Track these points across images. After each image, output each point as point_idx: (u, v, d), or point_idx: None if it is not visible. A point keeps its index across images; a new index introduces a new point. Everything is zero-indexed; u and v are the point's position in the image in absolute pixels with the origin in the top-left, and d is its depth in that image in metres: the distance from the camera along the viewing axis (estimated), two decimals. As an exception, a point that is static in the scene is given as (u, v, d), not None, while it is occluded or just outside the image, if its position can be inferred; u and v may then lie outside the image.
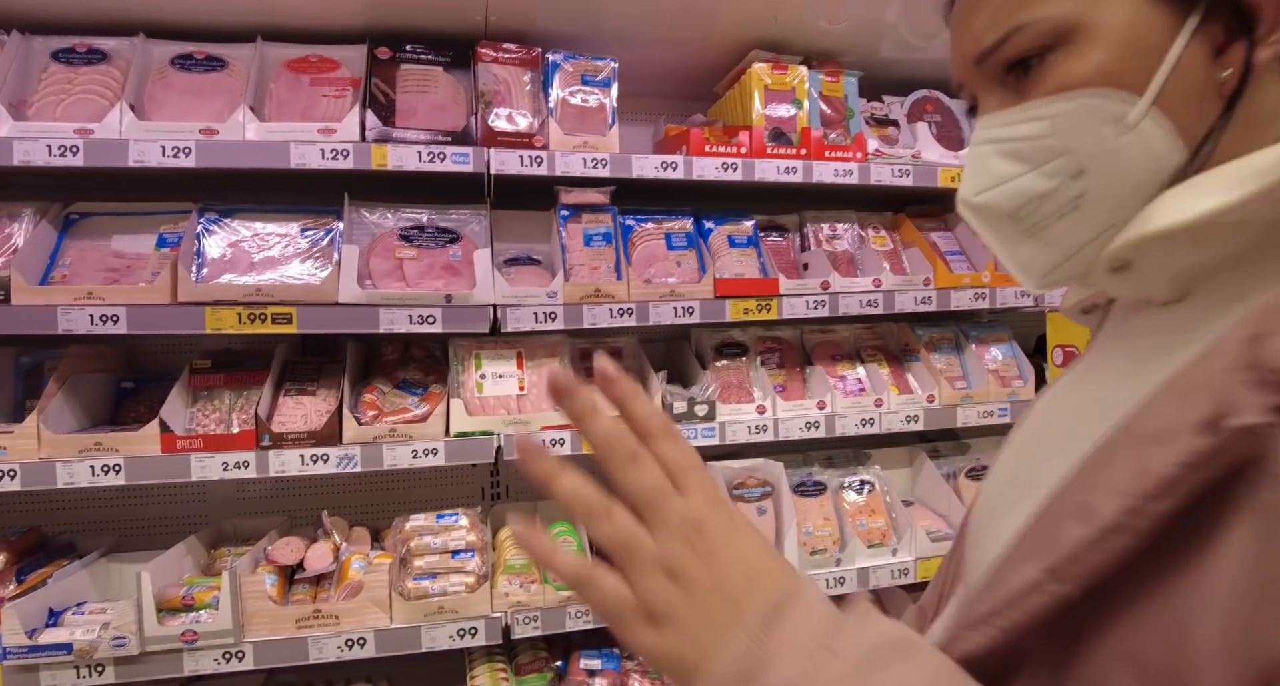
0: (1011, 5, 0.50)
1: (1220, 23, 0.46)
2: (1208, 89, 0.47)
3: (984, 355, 2.02)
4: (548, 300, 1.62)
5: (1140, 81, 0.47)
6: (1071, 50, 0.48)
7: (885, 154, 1.82)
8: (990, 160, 0.54)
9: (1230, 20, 0.46)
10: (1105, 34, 0.47)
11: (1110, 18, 0.47)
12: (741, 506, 1.73)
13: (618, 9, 1.66)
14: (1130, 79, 0.47)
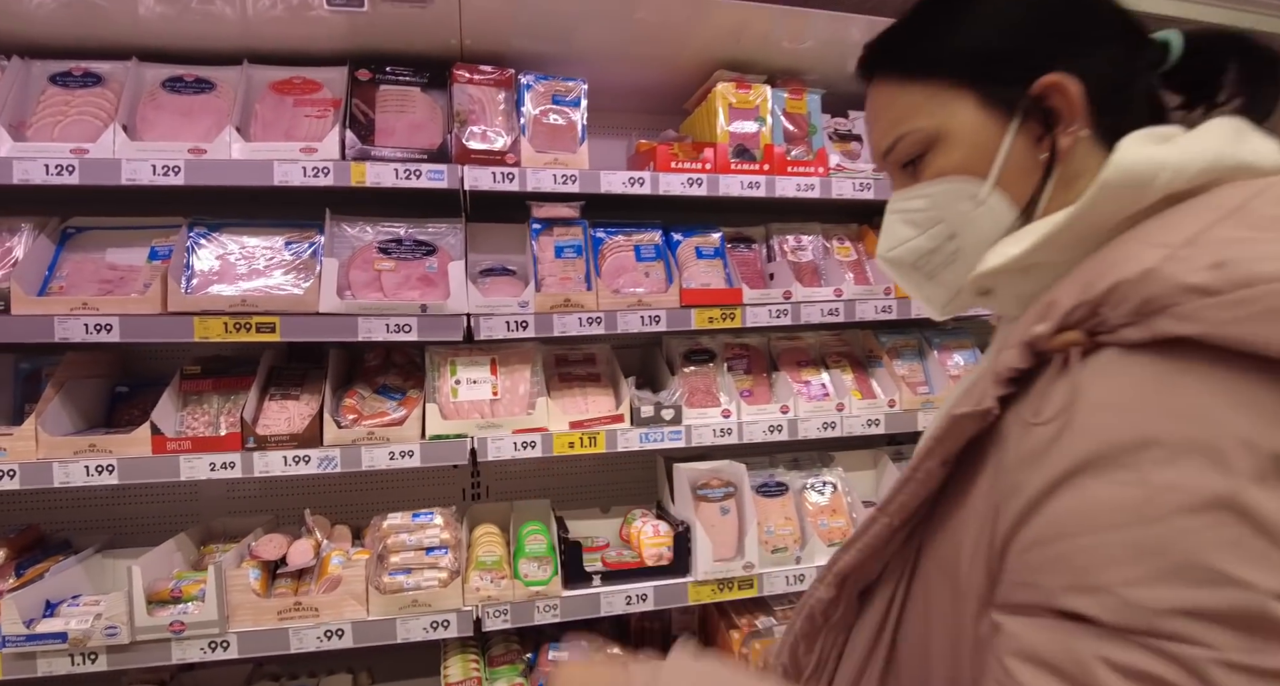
0: (895, 120, 0.70)
1: (1035, 121, 0.65)
2: (1031, 168, 0.66)
3: (947, 361, 2.09)
4: (519, 309, 1.70)
5: (985, 170, 0.66)
6: (938, 150, 0.68)
7: (847, 169, 1.90)
8: (896, 226, 0.74)
9: (1041, 118, 0.65)
10: (958, 139, 0.67)
11: (960, 127, 0.67)
12: (704, 506, 1.82)
13: (589, 31, 1.74)
14: (978, 168, 0.67)
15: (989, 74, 0.66)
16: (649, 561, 1.73)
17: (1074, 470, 0.49)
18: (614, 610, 1.67)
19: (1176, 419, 0.47)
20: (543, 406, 1.74)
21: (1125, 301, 0.50)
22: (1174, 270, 0.48)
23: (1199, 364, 0.47)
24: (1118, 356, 0.51)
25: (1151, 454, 0.47)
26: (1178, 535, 0.45)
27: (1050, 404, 0.52)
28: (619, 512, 2.00)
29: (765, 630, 1.79)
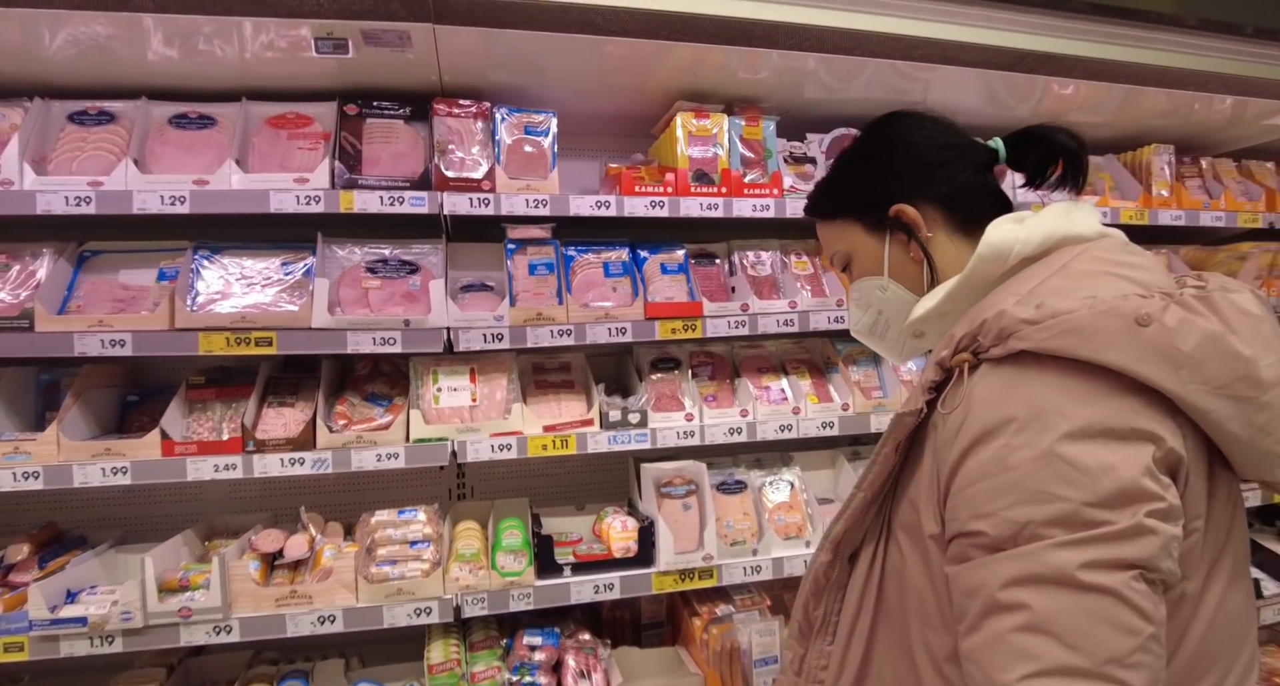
0: (827, 244, 1.13)
1: (900, 233, 1.02)
2: (909, 261, 1.02)
3: (899, 367, 2.24)
4: (495, 323, 1.86)
5: (880, 270, 1.04)
6: (854, 261, 1.09)
7: (800, 190, 2.05)
8: (852, 309, 1.14)
9: (904, 231, 1.01)
10: (860, 253, 1.07)
11: (859, 246, 1.07)
12: (668, 503, 1.97)
13: (561, 64, 1.90)
14: (875, 269, 1.05)
15: (862, 211, 1.05)
16: (616, 553, 1.88)
17: (972, 443, 0.76)
18: (583, 598, 1.82)
19: (1023, 403, 0.74)
20: (518, 411, 1.89)
21: (990, 331, 0.79)
22: (1015, 311, 0.78)
23: (1033, 368, 0.76)
24: (989, 368, 0.79)
25: (1010, 427, 0.74)
26: (1026, 476, 0.71)
27: (955, 401, 0.80)
28: (594, 510, 2.15)
29: (724, 616, 1.94)
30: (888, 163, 1.03)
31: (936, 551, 0.82)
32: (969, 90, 2.20)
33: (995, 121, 2.41)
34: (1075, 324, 0.74)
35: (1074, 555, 0.68)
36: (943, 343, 0.85)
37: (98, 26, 1.59)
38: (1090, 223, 0.91)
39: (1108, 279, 0.81)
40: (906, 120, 1.04)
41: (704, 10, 1.65)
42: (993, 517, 0.73)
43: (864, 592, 0.92)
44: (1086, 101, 2.29)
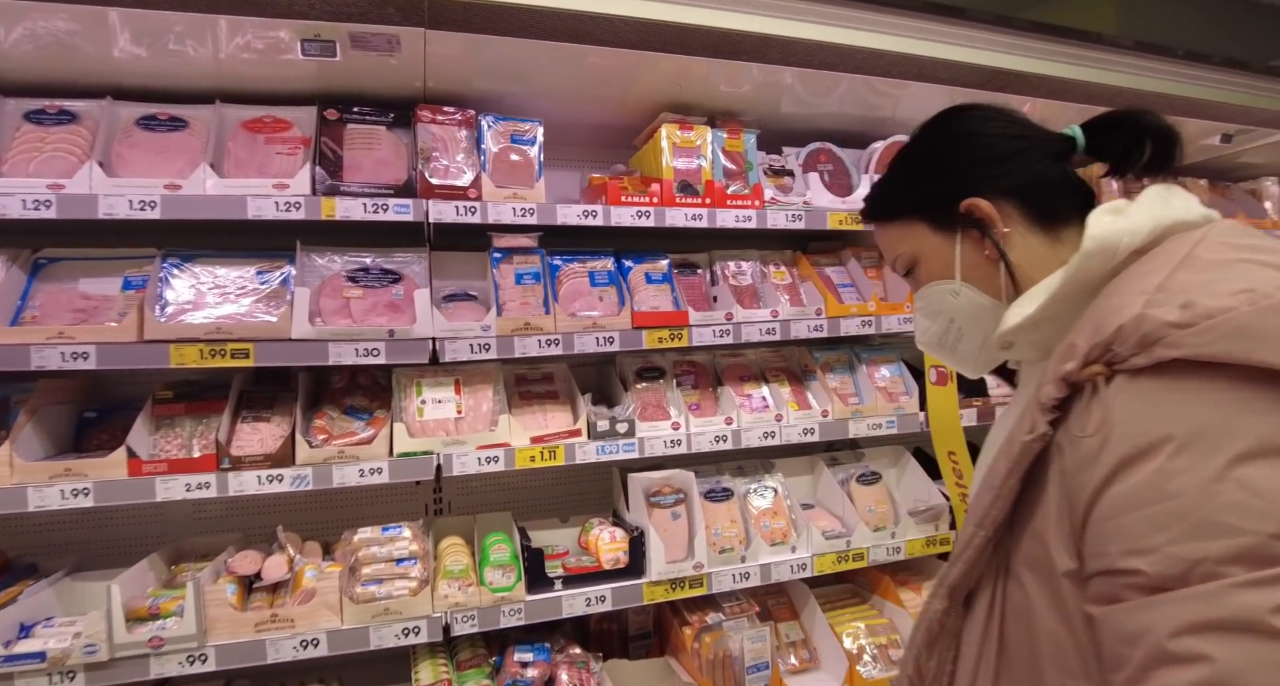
0: (889, 248, 1.04)
1: (973, 232, 0.92)
2: (983, 262, 0.92)
3: (874, 374, 2.29)
4: (482, 333, 1.82)
5: (951, 273, 0.95)
6: (920, 265, 0.99)
7: (780, 201, 2.09)
8: (918, 319, 1.04)
9: (976, 228, 0.91)
10: (927, 256, 0.97)
11: (926, 248, 0.97)
12: (657, 512, 1.96)
13: (545, 73, 1.89)
14: (946, 272, 0.96)
15: (928, 209, 0.96)
16: (606, 565, 1.86)
17: (1118, 467, 0.66)
18: (575, 611, 1.80)
19: (1179, 419, 0.64)
20: (505, 423, 1.86)
21: (1129, 338, 0.68)
22: (1157, 313, 0.67)
23: (1189, 377, 0.65)
24: (1128, 380, 0.68)
25: (1166, 448, 0.63)
26: (1193, 505, 0.61)
27: (1091, 421, 0.69)
28: (577, 522, 2.13)
29: (714, 624, 1.94)
30: (956, 155, 0.94)
31: (1072, 590, 0.71)
32: (934, 108, 2.29)
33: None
34: (1239, 324, 0.64)
35: (1265, 597, 0.58)
36: (1060, 354, 0.75)
37: (59, 21, 1.50)
38: (1192, 206, 0.82)
39: (1248, 267, 0.70)
40: (973, 112, 0.96)
41: (698, 22, 1.67)
42: (1152, 554, 0.62)
43: (984, 639, 0.82)
44: (1041, 120, 2.41)
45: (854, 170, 2.31)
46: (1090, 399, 0.70)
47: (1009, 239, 0.90)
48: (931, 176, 0.96)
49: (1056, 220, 0.89)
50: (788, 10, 1.74)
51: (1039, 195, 0.90)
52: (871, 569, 2.18)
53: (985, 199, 0.90)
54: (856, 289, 2.28)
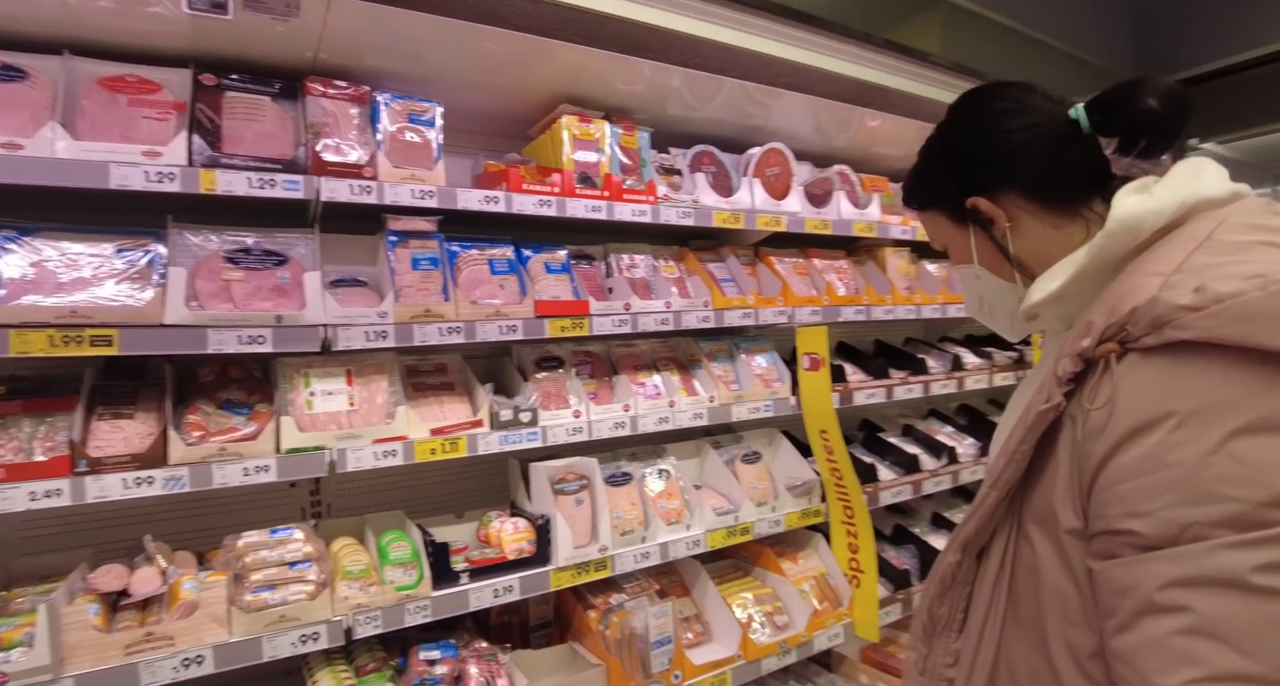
0: (927, 231, 1.13)
1: (984, 226, 1.01)
2: (997, 249, 1.01)
3: (751, 362, 2.46)
4: (379, 320, 1.74)
5: (971, 259, 1.04)
6: (950, 250, 1.09)
7: (672, 198, 2.19)
8: (966, 296, 1.14)
9: (987, 224, 1.01)
10: (951, 243, 1.08)
11: (949, 237, 1.08)
12: (562, 499, 1.97)
13: (442, 55, 1.84)
14: (967, 258, 1.05)
15: (943, 204, 1.06)
16: (511, 556, 1.85)
17: (1123, 438, 0.72)
18: (483, 604, 1.76)
19: (1183, 396, 0.70)
20: (402, 415, 1.78)
21: (1142, 319, 0.74)
22: (1170, 296, 0.72)
23: (1195, 358, 0.70)
24: (1139, 358, 0.74)
25: (1169, 422, 0.70)
26: (1189, 473, 0.67)
27: (1101, 394, 0.76)
28: (473, 517, 2.08)
29: (618, 605, 1.99)
30: (967, 154, 1.01)
31: (1075, 546, 0.79)
32: (801, 119, 2.51)
33: (819, 148, 2.75)
34: (1247, 308, 0.67)
35: (1247, 557, 0.64)
36: (1078, 331, 0.80)
37: None
38: (1221, 182, 0.84)
39: (1265, 250, 0.73)
40: (994, 104, 0.99)
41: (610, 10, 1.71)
42: (1149, 517, 0.69)
43: (995, 589, 0.88)
44: (889, 135, 2.72)
45: (734, 173, 2.47)
46: (1103, 374, 0.76)
47: (1017, 228, 0.98)
48: (945, 175, 1.04)
49: (1068, 204, 0.94)
50: (694, 10, 1.83)
51: (1048, 184, 0.95)
52: (753, 543, 2.33)
53: (992, 195, 0.98)
54: (737, 284, 2.43)
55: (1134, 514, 0.71)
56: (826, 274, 2.67)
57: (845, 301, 2.55)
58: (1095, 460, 0.75)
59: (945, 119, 1.06)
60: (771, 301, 2.40)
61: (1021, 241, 0.98)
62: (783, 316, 2.42)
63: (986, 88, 1.03)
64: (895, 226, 2.70)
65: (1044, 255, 0.96)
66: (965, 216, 1.02)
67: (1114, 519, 0.73)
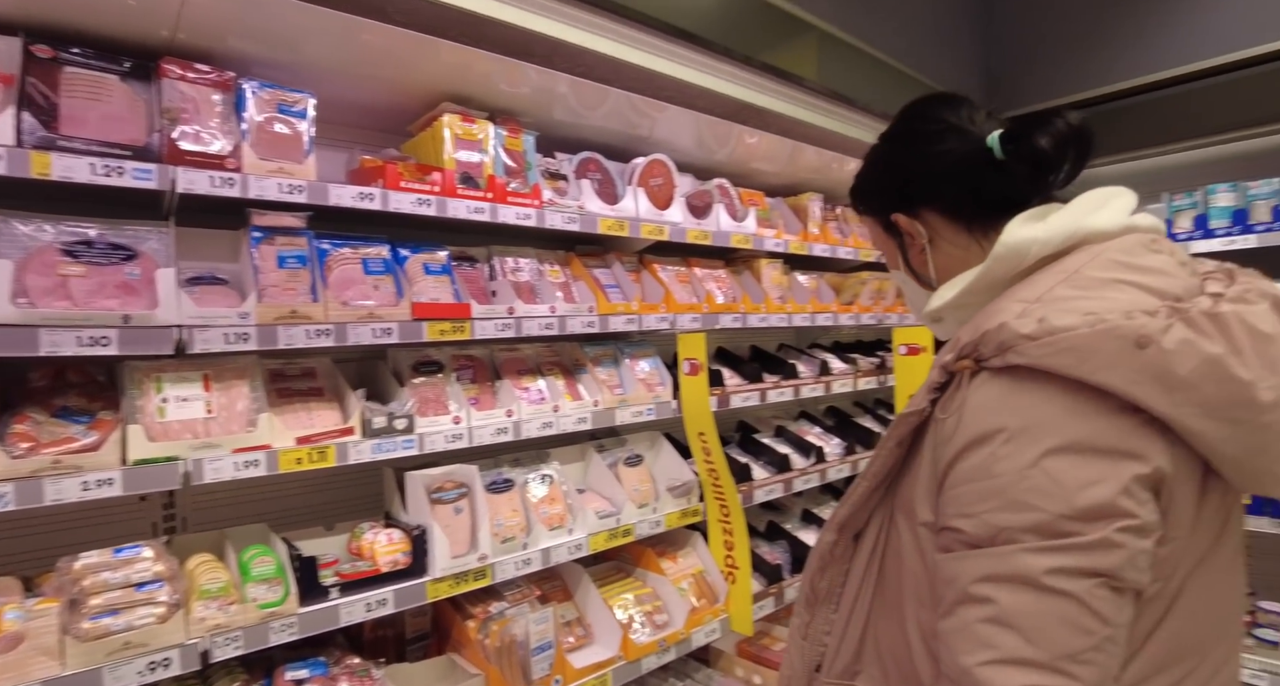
0: (870, 235, 1.19)
1: (904, 239, 1.10)
2: (919, 259, 1.09)
3: (635, 367, 2.50)
4: (240, 321, 1.63)
5: (897, 265, 1.14)
6: (884, 255, 1.17)
7: (557, 203, 2.19)
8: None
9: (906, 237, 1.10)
10: (884, 250, 1.16)
11: (882, 245, 1.16)
12: (440, 508, 1.92)
13: (316, 44, 1.76)
14: (894, 264, 1.14)
15: (874, 214, 1.14)
16: (385, 568, 1.78)
17: (965, 447, 0.81)
18: (354, 619, 1.69)
19: (1014, 414, 0.78)
20: (265, 422, 1.68)
21: (990, 342, 0.82)
22: (1017, 324, 0.80)
23: (1029, 381, 0.78)
24: (988, 377, 0.82)
25: (1000, 437, 0.78)
26: (1009, 484, 0.76)
27: (953, 405, 0.84)
28: (344, 528, 1.99)
29: (498, 614, 1.96)
30: (891, 172, 1.09)
31: (929, 537, 0.87)
32: (684, 132, 2.59)
33: (701, 161, 2.85)
34: (1073, 343, 0.75)
35: (1042, 561, 0.73)
36: (949, 346, 0.89)
37: None
38: (1118, 216, 0.90)
39: (1118, 288, 0.80)
40: (915, 120, 1.07)
41: (499, 16, 1.70)
42: (974, 518, 0.79)
43: (866, 569, 0.98)
44: (766, 152, 2.85)
45: (619, 181, 2.51)
46: (958, 387, 0.85)
47: (934, 243, 1.06)
48: (877, 189, 1.13)
49: (981, 225, 1.01)
50: (579, 20, 1.85)
51: (962, 206, 1.02)
52: (635, 544, 2.37)
53: (911, 213, 1.06)
54: (621, 290, 2.47)
55: (964, 514, 0.80)
56: (707, 282, 2.76)
57: (723, 309, 2.65)
58: (944, 463, 0.84)
59: (884, 133, 1.12)
60: (655, 308, 2.46)
61: (937, 255, 1.06)
62: (665, 323, 2.49)
63: (919, 106, 1.08)
64: (770, 239, 2.84)
65: (951, 270, 1.04)
66: (891, 226, 1.10)
67: (950, 517, 0.82)
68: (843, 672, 1.01)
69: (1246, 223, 3.22)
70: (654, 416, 2.41)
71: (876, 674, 0.96)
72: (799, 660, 1.08)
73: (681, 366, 2.40)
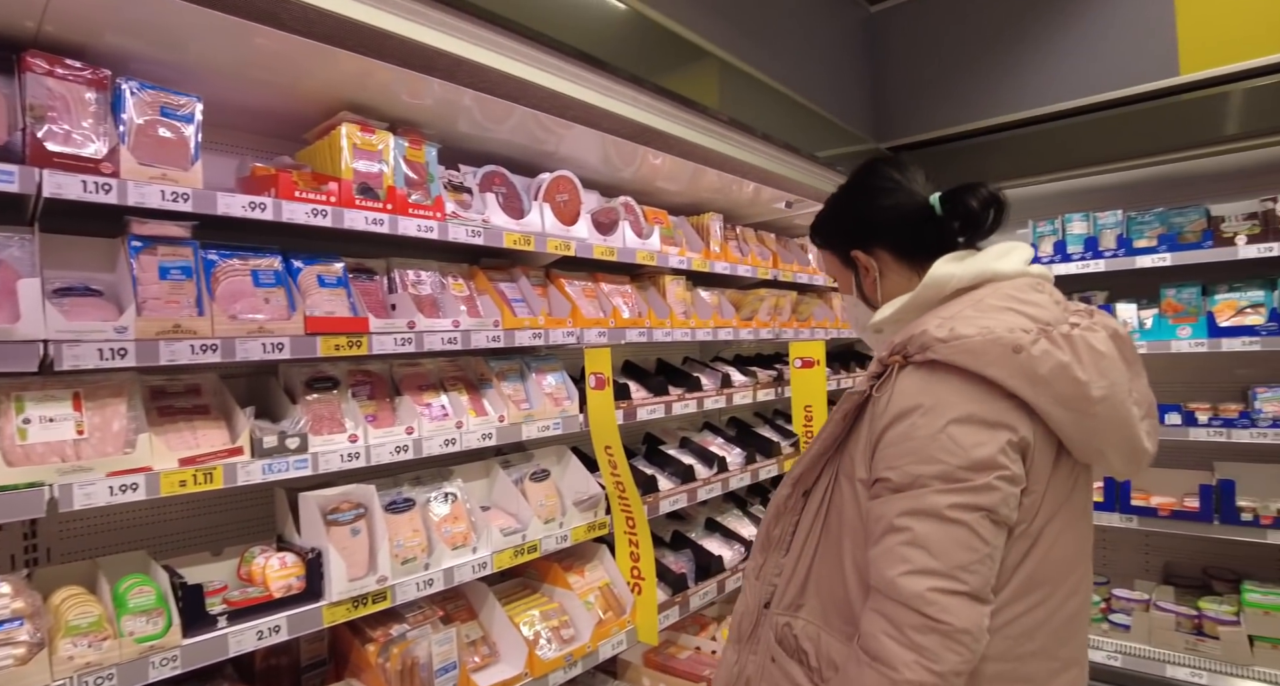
0: (825, 264, 1.48)
1: (859, 270, 1.38)
2: (871, 286, 1.37)
3: (542, 381, 2.50)
4: (116, 335, 1.53)
5: (850, 290, 1.43)
6: (837, 281, 1.47)
7: (461, 216, 2.17)
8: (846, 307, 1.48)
9: (862, 269, 1.38)
10: (838, 278, 1.46)
11: (838, 274, 1.45)
12: (336, 530, 1.86)
13: (205, 45, 1.68)
14: (847, 289, 1.44)
15: (834, 248, 1.43)
16: (278, 594, 1.70)
17: (893, 419, 1.10)
18: (244, 648, 1.60)
19: (928, 395, 1.08)
20: (144, 443, 1.58)
21: (916, 344, 1.12)
22: (934, 332, 1.10)
23: (940, 372, 1.09)
24: (913, 368, 1.12)
25: (919, 410, 1.08)
26: (923, 444, 1.05)
27: (887, 388, 1.13)
28: (232, 553, 1.88)
29: (399, 636, 1.90)
30: (853, 218, 1.38)
31: (864, 492, 1.15)
32: (591, 150, 2.63)
33: (607, 179, 2.90)
34: (970, 346, 1.06)
35: (945, 499, 1.02)
36: (884, 345, 1.20)
37: None
38: (1016, 264, 1.21)
39: (1007, 313, 1.11)
40: (883, 183, 1.33)
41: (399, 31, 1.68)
42: (898, 470, 1.07)
43: (814, 520, 1.24)
44: (669, 172, 2.93)
45: (525, 196, 2.51)
46: (890, 376, 1.15)
47: (883, 273, 1.35)
48: (835, 229, 1.42)
49: (920, 261, 1.29)
50: (487, 41, 1.86)
51: (906, 247, 1.33)
52: (542, 559, 2.36)
53: (867, 249, 1.35)
54: (528, 304, 2.47)
55: (890, 467, 1.09)
56: (613, 297, 2.81)
57: (629, 324, 2.69)
58: (878, 431, 1.12)
59: (846, 183, 1.41)
60: (561, 322, 2.47)
61: (884, 283, 1.36)
62: (572, 337, 2.50)
63: (876, 165, 1.37)
64: (674, 256, 2.92)
65: (891, 294, 1.33)
66: (849, 260, 1.39)
67: (881, 470, 1.10)
68: (789, 606, 1.25)
69: (1097, 248, 3.58)
70: (561, 431, 2.42)
71: (815, 605, 1.21)
72: (752, 598, 1.32)
73: (588, 380, 2.42)
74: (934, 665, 0.99)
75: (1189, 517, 3.29)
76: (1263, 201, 3.27)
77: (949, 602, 1.00)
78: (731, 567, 2.91)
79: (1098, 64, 3.43)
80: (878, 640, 1.04)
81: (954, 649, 0.99)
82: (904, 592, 1.01)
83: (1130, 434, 1.13)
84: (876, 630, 1.05)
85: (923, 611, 1.00)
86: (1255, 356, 3.47)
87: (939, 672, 0.99)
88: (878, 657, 1.03)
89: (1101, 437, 1.11)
